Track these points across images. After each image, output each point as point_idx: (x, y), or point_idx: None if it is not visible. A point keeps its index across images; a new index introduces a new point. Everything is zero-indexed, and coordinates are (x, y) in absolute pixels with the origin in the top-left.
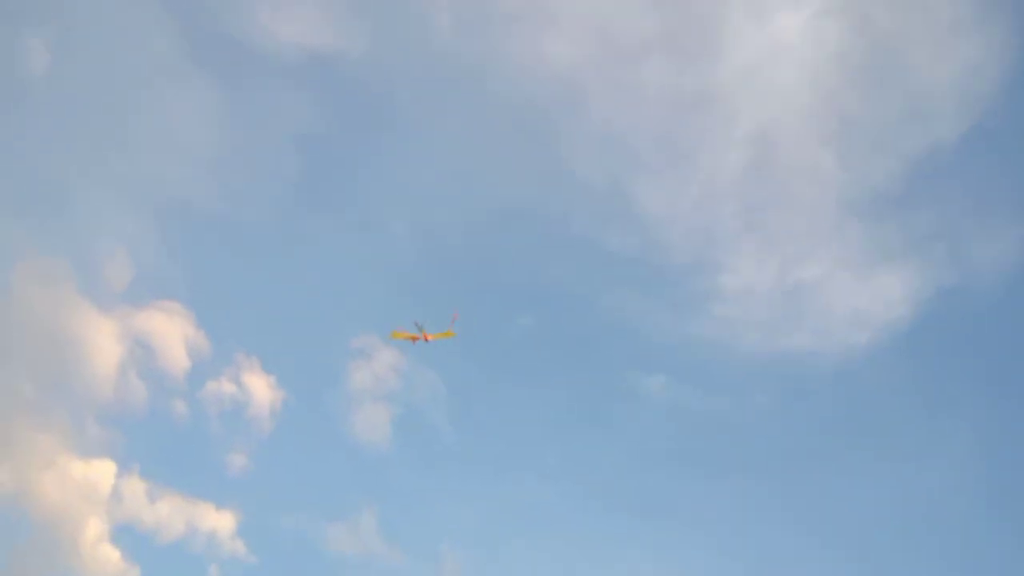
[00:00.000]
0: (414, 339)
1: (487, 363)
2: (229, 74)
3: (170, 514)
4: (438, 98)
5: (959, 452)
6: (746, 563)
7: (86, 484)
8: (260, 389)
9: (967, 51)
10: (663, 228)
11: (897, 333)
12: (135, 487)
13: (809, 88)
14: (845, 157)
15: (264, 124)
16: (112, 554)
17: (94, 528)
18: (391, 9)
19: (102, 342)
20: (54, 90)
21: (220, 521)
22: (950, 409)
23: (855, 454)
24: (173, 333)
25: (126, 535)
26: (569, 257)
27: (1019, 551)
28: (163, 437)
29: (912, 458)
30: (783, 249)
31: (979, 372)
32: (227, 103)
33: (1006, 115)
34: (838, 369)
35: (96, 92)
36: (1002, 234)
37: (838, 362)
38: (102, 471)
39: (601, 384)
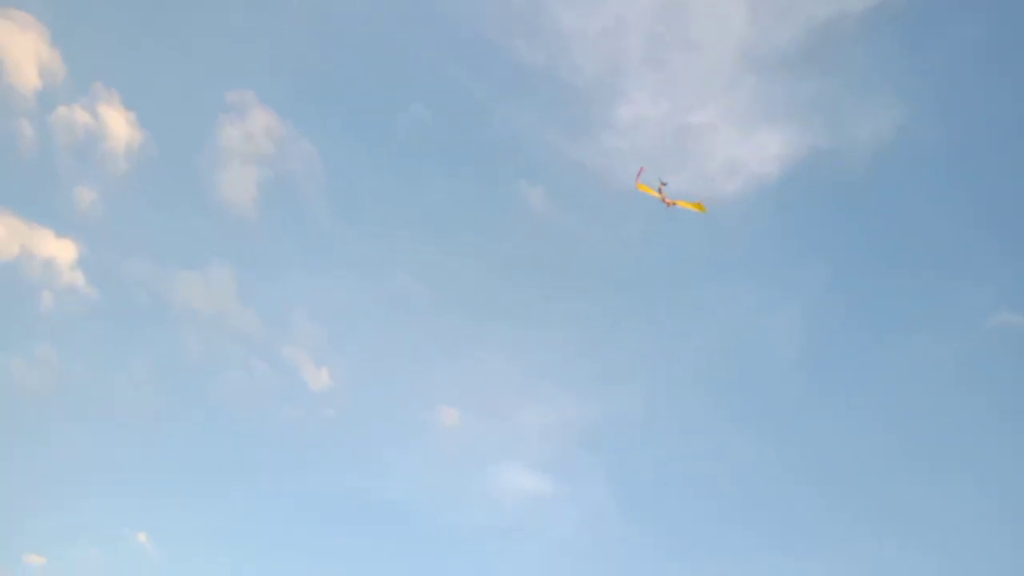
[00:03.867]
0: (660, 198)
1: (372, 147)
2: None
3: (3, 235)
4: None
5: (808, 296)
6: (594, 369)
7: None
8: (118, 124)
9: None
10: (571, 47)
11: (766, 185)
12: None
13: None
14: (755, 12)
15: None
16: None
17: None
18: None
19: None
20: None
21: (60, 250)
22: (805, 257)
23: (713, 288)
24: (22, 47)
25: None
26: (473, 59)
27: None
28: (2, 156)
29: (765, 294)
30: (678, 90)
31: (837, 230)
32: None
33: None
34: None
35: None
36: (878, 111)
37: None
38: None
39: (483, 188)
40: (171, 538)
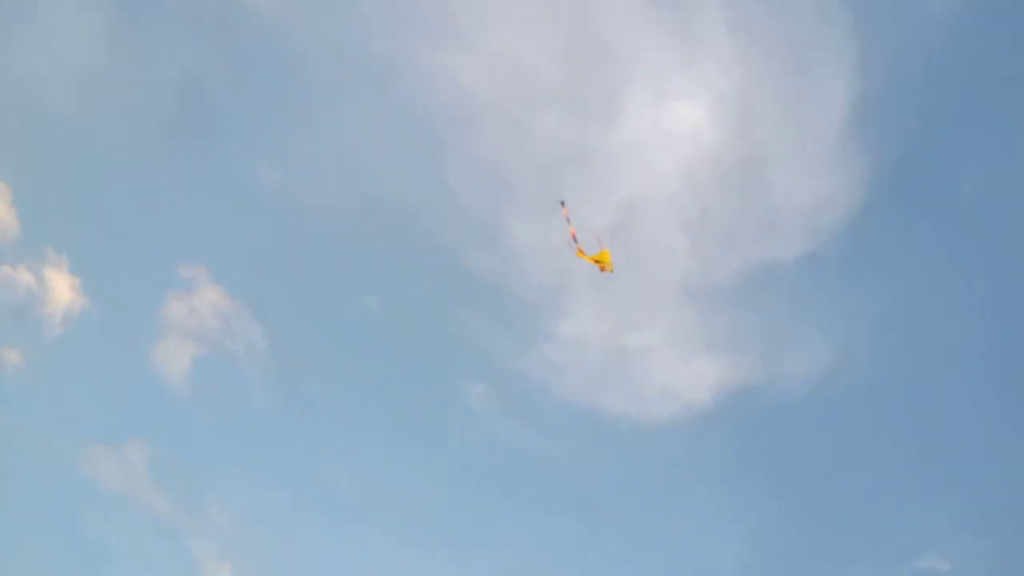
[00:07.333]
0: (600, 267)
1: (320, 335)
2: None
3: None
4: (340, 77)
5: (735, 533)
6: None
7: None
8: (61, 290)
9: (824, 185)
10: (523, 262)
11: (699, 414)
12: None
13: (682, 178)
14: (696, 247)
15: (152, 49)
16: None
17: None
18: None
19: None
20: None
21: None
22: (732, 490)
23: (651, 505)
24: None
25: None
26: (430, 264)
27: None
28: None
29: (700, 529)
30: (621, 313)
31: (761, 464)
32: (116, 21)
33: (839, 251)
34: (642, 433)
35: None
36: (809, 352)
37: (643, 426)
38: None
39: (428, 392)
40: None
